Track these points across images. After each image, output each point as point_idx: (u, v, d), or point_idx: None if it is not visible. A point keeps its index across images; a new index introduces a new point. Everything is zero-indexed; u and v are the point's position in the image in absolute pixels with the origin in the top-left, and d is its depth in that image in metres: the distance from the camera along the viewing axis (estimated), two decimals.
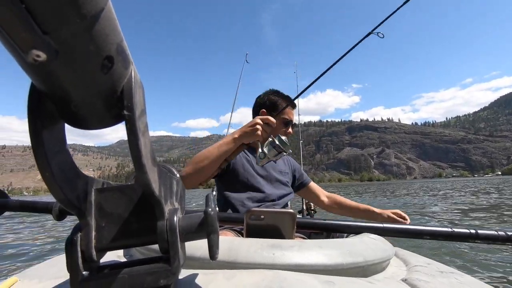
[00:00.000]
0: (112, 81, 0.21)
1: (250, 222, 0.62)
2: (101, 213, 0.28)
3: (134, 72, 0.23)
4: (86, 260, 0.27)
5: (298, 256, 0.47)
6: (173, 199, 0.31)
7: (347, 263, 0.48)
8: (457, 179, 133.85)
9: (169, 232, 0.27)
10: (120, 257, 0.60)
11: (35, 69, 0.18)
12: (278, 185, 1.38)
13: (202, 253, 0.46)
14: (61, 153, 0.24)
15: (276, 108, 1.41)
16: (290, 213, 0.63)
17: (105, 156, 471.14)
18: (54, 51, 0.17)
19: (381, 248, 0.58)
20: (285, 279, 0.38)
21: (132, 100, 0.22)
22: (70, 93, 0.21)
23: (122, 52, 0.21)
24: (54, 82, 0.19)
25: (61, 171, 0.24)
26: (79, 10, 0.16)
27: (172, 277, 0.28)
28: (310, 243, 0.52)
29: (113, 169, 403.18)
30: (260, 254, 0.47)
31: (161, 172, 0.29)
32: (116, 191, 0.30)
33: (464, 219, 5.33)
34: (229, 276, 0.39)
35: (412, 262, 0.62)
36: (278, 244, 0.50)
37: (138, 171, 0.24)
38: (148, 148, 0.25)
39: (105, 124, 0.24)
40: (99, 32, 0.18)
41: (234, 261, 0.46)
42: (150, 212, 0.28)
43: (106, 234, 0.28)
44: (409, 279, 0.48)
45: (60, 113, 0.23)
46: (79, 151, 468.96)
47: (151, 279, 0.27)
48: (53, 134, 0.23)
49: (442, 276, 0.52)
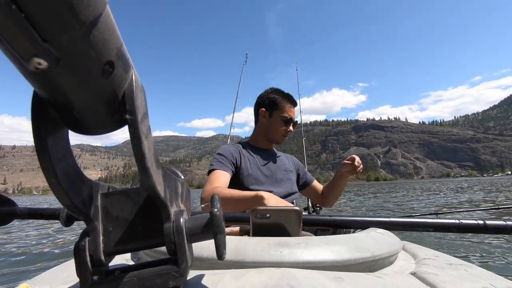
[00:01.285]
0: (114, 86, 0.21)
1: (256, 220, 0.62)
2: (107, 217, 0.29)
3: (135, 75, 0.23)
4: (95, 264, 0.27)
5: (305, 253, 0.47)
6: (179, 201, 0.32)
7: (355, 258, 0.48)
8: (466, 178, 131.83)
9: (176, 234, 0.27)
10: (128, 260, 0.61)
11: (36, 77, 0.18)
12: (283, 184, 1.38)
13: (209, 253, 0.47)
14: (65, 158, 0.24)
15: (275, 106, 1.41)
16: (296, 211, 0.63)
17: (112, 156, 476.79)
18: (55, 59, 0.17)
19: (389, 242, 0.58)
20: (294, 276, 0.38)
21: (134, 103, 0.22)
22: (72, 99, 0.21)
23: (122, 56, 0.21)
24: (56, 89, 0.20)
25: (66, 176, 0.24)
26: (78, 16, 0.16)
27: (181, 278, 0.28)
28: (317, 240, 0.52)
29: (120, 169, 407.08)
30: (268, 252, 0.47)
31: (166, 174, 0.29)
32: (121, 195, 0.30)
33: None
34: (237, 276, 0.39)
35: (421, 255, 0.61)
36: (285, 242, 0.50)
37: (142, 174, 0.24)
38: (152, 151, 0.25)
39: (108, 129, 0.25)
40: (99, 37, 0.18)
41: (241, 261, 0.46)
42: (156, 215, 0.29)
43: (113, 238, 0.28)
44: (417, 272, 0.48)
45: (63, 119, 0.23)
46: (87, 151, 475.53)
47: (160, 281, 0.27)
48: (57, 140, 0.23)
49: (451, 268, 0.51)
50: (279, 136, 1.43)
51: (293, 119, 1.43)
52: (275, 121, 1.41)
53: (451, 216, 2.16)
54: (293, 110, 1.43)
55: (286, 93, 1.45)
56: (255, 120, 1.50)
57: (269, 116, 1.42)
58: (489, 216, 3.71)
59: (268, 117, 1.42)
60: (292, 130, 1.44)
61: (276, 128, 1.41)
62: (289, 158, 1.60)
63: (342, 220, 0.76)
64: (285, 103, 1.41)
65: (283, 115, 1.39)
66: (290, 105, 1.42)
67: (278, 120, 1.40)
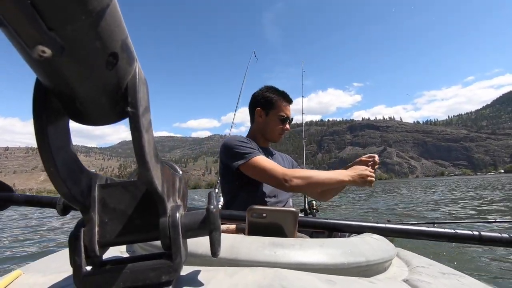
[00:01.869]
0: (117, 77, 0.21)
1: (252, 219, 0.62)
2: (104, 208, 0.29)
3: (139, 69, 0.23)
4: (89, 255, 0.27)
5: (299, 254, 0.47)
6: (176, 196, 0.31)
7: (349, 262, 0.48)
8: (460, 177, 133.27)
9: (171, 229, 0.27)
10: (123, 252, 0.60)
11: (40, 65, 0.18)
12: None
13: (204, 250, 0.47)
14: (65, 148, 0.24)
15: (271, 105, 1.40)
16: (292, 212, 0.63)
17: (107, 157, 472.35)
18: (59, 47, 0.17)
19: (383, 248, 0.58)
20: (286, 277, 0.38)
21: (136, 96, 0.22)
22: (75, 89, 0.21)
23: (127, 48, 0.21)
24: (59, 78, 0.20)
25: (65, 166, 0.24)
26: (85, 6, 0.16)
27: (174, 273, 0.28)
28: (312, 242, 0.51)
29: (115, 170, 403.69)
30: (262, 252, 0.47)
31: (164, 169, 0.29)
32: (119, 187, 0.30)
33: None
34: (231, 273, 0.39)
35: (414, 263, 0.61)
36: (279, 243, 0.50)
37: (141, 167, 0.24)
38: (152, 145, 0.25)
39: (109, 121, 0.24)
40: (104, 28, 0.18)
41: (235, 259, 0.46)
42: (152, 209, 0.29)
43: (109, 229, 0.28)
44: (410, 280, 0.48)
45: (65, 109, 0.23)
46: (81, 152, 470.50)
47: (153, 275, 0.27)
48: (58, 129, 0.23)
49: (444, 278, 0.52)
50: (276, 134, 1.42)
51: (290, 117, 1.43)
52: (272, 120, 1.40)
53: (449, 226, 2.17)
54: (288, 108, 1.42)
55: (281, 91, 1.44)
56: (250, 120, 1.49)
57: (265, 115, 1.41)
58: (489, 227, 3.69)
59: (265, 116, 1.41)
60: (289, 128, 1.44)
61: (273, 127, 1.40)
62: (284, 157, 1.60)
63: (338, 224, 0.76)
64: (281, 102, 1.40)
65: (279, 114, 1.39)
66: (286, 103, 1.41)
67: (275, 119, 1.39)
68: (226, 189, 1.34)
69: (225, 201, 1.34)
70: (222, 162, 1.31)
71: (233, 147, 1.23)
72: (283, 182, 1.11)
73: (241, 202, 1.24)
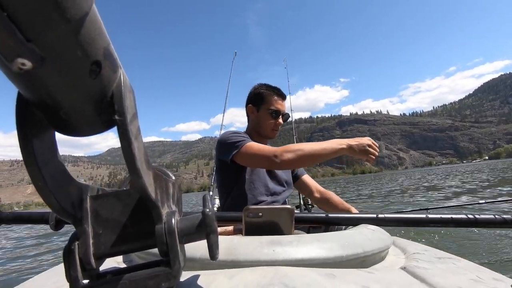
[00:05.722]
0: (101, 86, 0.21)
1: (248, 219, 0.62)
2: (97, 220, 0.28)
3: (123, 75, 0.23)
4: (85, 268, 0.27)
5: (298, 251, 0.48)
6: (170, 202, 0.31)
7: (347, 255, 0.49)
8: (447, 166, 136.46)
9: (168, 235, 0.27)
10: (120, 263, 0.60)
11: (21, 77, 0.18)
12: (280, 178, 1.39)
13: (202, 254, 0.46)
14: (52, 161, 0.24)
15: (261, 100, 1.39)
16: (288, 209, 0.63)
17: (96, 165, 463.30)
18: (39, 59, 0.16)
19: (379, 238, 0.59)
20: (286, 274, 0.38)
21: (123, 104, 0.22)
22: (58, 100, 0.20)
23: (110, 56, 0.21)
24: (41, 90, 0.19)
25: (54, 179, 0.24)
26: (63, 15, 0.15)
27: (173, 280, 0.27)
28: (309, 238, 0.52)
29: (105, 178, 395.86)
30: (260, 251, 0.47)
31: (156, 175, 0.28)
32: (111, 197, 0.29)
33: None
34: (231, 275, 0.39)
35: (410, 250, 0.62)
36: (277, 241, 0.50)
37: (132, 175, 0.24)
38: (142, 152, 0.24)
39: (97, 130, 0.24)
40: (85, 37, 0.17)
41: (234, 260, 0.46)
42: (147, 216, 0.28)
43: (104, 240, 0.28)
44: (408, 267, 0.49)
45: (49, 121, 0.22)
46: (69, 162, 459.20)
47: (153, 283, 0.27)
48: (43, 142, 0.23)
49: (440, 262, 0.53)
50: (269, 130, 1.41)
51: (281, 111, 1.41)
52: (263, 115, 1.39)
53: (442, 211, 2.23)
54: (280, 103, 1.41)
55: (273, 86, 1.43)
56: (247, 119, 1.50)
57: (257, 111, 1.41)
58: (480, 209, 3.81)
59: (256, 112, 1.41)
60: (281, 122, 1.42)
61: (265, 122, 1.39)
62: None
63: (334, 217, 0.77)
64: (271, 96, 1.39)
65: (270, 108, 1.37)
66: (277, 97, 1.40)
67: (265, 114, 1.38)
68: (223, 189, 1.33)
69: (222, 203, 1.34)
70: (218, 158, 1.30)
71: (226, 139, 1.24)
72: (273, 159, 1.09)
73: (237, 203, 1.24)
